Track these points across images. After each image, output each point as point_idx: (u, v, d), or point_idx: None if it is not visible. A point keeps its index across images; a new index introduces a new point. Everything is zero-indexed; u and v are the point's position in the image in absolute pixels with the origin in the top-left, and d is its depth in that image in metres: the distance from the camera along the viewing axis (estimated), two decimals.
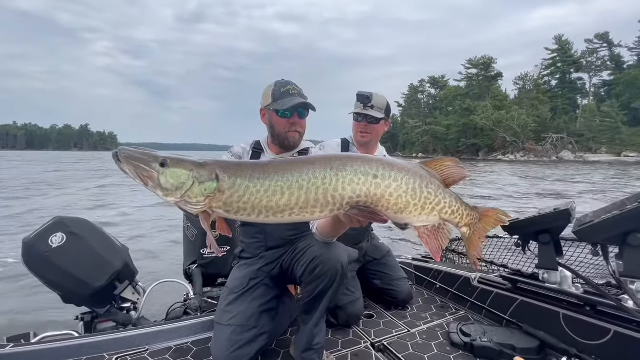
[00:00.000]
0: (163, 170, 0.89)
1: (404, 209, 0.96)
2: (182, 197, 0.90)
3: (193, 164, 0.92)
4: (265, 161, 1.00)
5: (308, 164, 0.95)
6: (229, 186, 0.91)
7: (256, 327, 1.50)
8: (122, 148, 0.90)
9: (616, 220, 1.24)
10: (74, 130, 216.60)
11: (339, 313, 1.85)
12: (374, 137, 2.09)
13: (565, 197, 11.90)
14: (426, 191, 0.96)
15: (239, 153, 1.72)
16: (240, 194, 0.91)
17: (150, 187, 0.90)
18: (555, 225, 1.51)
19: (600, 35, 55.18)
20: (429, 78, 75.61)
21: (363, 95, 2.01)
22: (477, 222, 1.04)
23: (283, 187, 0.92)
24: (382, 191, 0.94)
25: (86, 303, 2.01)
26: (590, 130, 47.55)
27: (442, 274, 2.32)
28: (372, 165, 0.94)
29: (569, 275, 1.59)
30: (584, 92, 58.09)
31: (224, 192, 0.91)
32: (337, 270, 1.40)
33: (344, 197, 0.94)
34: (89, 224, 2.10)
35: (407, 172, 0.96)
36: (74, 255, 1.90)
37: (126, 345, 1.63)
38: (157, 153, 0.91)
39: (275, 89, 1.60)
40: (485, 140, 56.38)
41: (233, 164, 0.97)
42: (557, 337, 1.54)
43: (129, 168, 0.88)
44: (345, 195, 0.93)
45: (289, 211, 0.93)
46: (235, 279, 1.66)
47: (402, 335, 1.79)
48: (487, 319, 1.93)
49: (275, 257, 1.67)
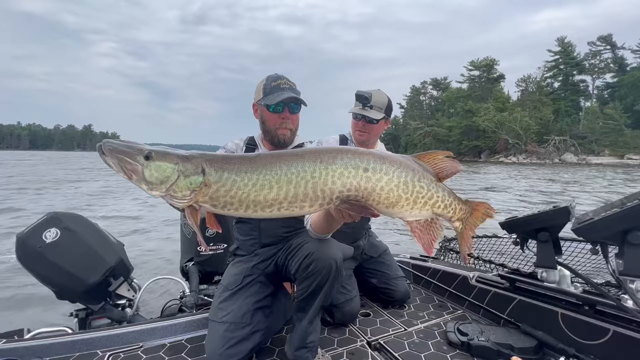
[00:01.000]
0: (147, 163, 0.86)
1: (395, 203, 0.94)
2: (167, 191, 0.88)
3: (178, 157, 0.89)
4: (253, 154, 0.98)
5: (297, 157, 0.93)
6: (216, 180, 0.89)
7: (250, 325, 1.48)
8: (106, 141, 0.88)
9: (616, 218, 1.22)
10: (77, 131, 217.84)
11: (334, 311, 1.83)
12: (372, 136, 2.06)
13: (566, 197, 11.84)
14: (418, 185, 0.94)
15: (232, 149, 1.71)
16: (227, 188, 0.89)
17: (134, 181, 0.87)
18: (554, 223, 1.49)
19: (603, 37, 55.01)
20: (431, 80, 75.64)
21: (362, 96, 1.98)
22: (469, 217, 1.03)
23: (271, 181, 0.90)
24: (373, 185, 0.92)
25: (80, 299, 2.00)
26: (593, 133, 47.34)
27: (440, 272, 2.29)
28: (363, 158, 0.92)
29: (568, 274, 1.57)
30: (586, 94, 57.82)
31: (210, 186, 0.89)
32: (332, 266, 1.39)
33: (334, 191, 0.92)
34: (84, 220, 2.09)
35: (399, 165, 0.94)
36: (68, 251, 1.89)
37: (120, 342, 1.61)
38: (142, 146, 0.89)
39: (267, 83, 1.57)
40: (487, 142, 56.24)
41: (220, 157, 0.94)
42: (555, 336, 1.52)
43: (113, 161, 0.85)
44: (335, 189, 0.92)
45: (277, 205, 0.91)
46: (230, 276, 1.64)
47: (398, 334, 1.77)
48: (484, 318, 1.90)
49: (270, 254, 1.65)
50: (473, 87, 65.49)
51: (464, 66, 67.12)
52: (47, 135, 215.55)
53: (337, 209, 0.96)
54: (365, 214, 0.96)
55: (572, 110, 54.57)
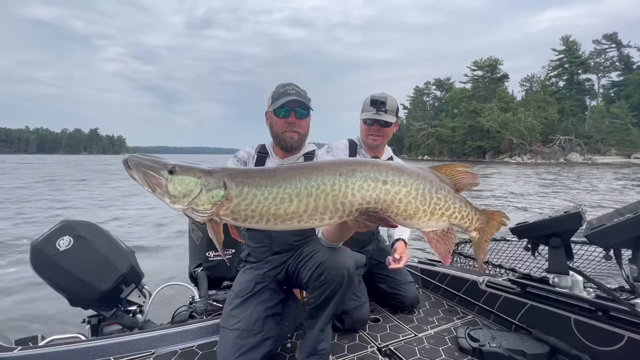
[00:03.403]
0: (171, 177, 0.88)
1: (413, 215, 0.94)
2: (190, 204, 0.89)
3: (201, 172, 0.91)
4: (272, 168, 0.99)
5: (316, 170, 0.93)
6: (237, 194, 0.90)
7: (262, 332, 1.48)
8: (132, 155, 0.90)
9: (631, 224, 1.21)
10: (83, 134, 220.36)
11: (344, 318, 1.83)
12: (385, 139, 2.08)
13: (575, 200, 11.72)
14: (436, 197, 0.95)
15: (244, 158, 1.72)
16: (248, 201, 0.90)
17: (158, 194, 0.89)
18: (566, 228, 1.47)
19: (609, 35, 54.55)
20: (435, 80, 75.48)
21: (378, 101, 1.99)
22: (486, 226, 1.03)
23: (291, 195, 0.90)
24: (392, 197, 0.92)
25: (93, 306, 2.02)
26: (598, 132, 46.88)
27: (449, 277, 2.28)
28: (382, 170, 0.93)
29: (580, 279, 1.56)
30: (592, 93, 57.36)
31: (232, 200, 0.90)
32: (344, 276, 1.39)
33: (354, 204, 0.92)
34: (96, 227, 2.12)
35: (417, 177, 0.94)
36: (81, 259, 1.91)
37: (132, 349, 1.63)
38: (166, 161, 0.91)
39: (276, 90, 1.60)
40: (491, 142, 55.92)
41: (241, 171, 0.96)
42: (568, 342, 1.50)
43: (138, 175, 0.88)
44: (355, 201, 0.92)
45: (297, 218, 0.92)
46: (241, 283, 1.65)
47: (409, 339, 1.77)
48: (495, 323, 1.89)
49: (281, 261, 1.66)
50: (477, 87, 65.21)
51: (467, 66, 67.00)
52: (55, 138, 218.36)
53: (354, 220, 0.96)
54: (384, 225, 0.97)
55: (577, 110, 54.13)
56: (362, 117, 2.06)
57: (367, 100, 2.05)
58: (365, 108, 2.05)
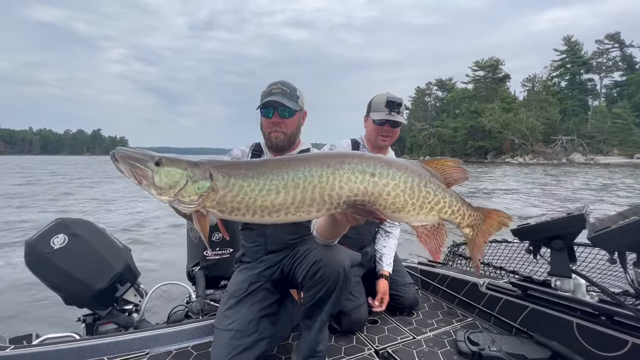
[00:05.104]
0: (157, 169, 0.89)
1: (401, 208, 0.93)
2: (176, 195, 0.89)
3: (187, 163, 0.91)
4: (259, 160, 0.99)
5: (304, 162, 0.93)
6: (223, 185, 0.90)
7: (256, 332, 1.46)
8: (119, 148, 0.91)
9: (636, 226, 1.18)
10: (86, 135, 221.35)
11: (342, 319, 1.81)
12: (394, 139, 2.08)
13: (577, 201, 11.67)
14: (424, 190, 0.93)
15: (239, 155, 1.71)
16: (234, 193, 0.90)
17: (144, 186, 0.89)
18: (569, 231, 1.45)
19: (611, 35, 54.23)
20: (436, 81, 75.25)
21: (394, 102, 1.97)
22: (481, 224, 1.01)
23: (278, 186, 0.90)
24: (380, 190, 0.91)
25: (88, 305, 2.00)
26: (601, 132, 46.67)
27: (449, 279, 2.25)
28: (370, 163, 0.92)
29: (583, 283, 1.52)
30: (594, 93, 57.05)
31: (218, 191, 0.90)
32: (339, 273, 1.36)
33: (341, 196, 0.91)
34: (91, 225, 2.10)
35: (405, 170, 0.93)
36: (76, 257, 1.90)
37: (126, 349, 1.61)
38: (153, 153, 0.91)
39: (265, 89, 1.58)
40: (493, 142, 55.77)
41: (227, 162, 0.95)
42: (570, 347, 1.47)
43: (125, 167, 0.88)
44: (342, 194, 0.91)
45: (284, 210, 0.91)
46: (236, 283, 1.62)
47: (407, 342, 1.74)
48: (495, 326, 1.86)
49: (276, 260, 1.63)
50: (478, 88, 65.01)
51: (469, 67, 66.74)
52: (58, 140, 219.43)
53: (342, 213, 0.95)
54: (371, 218, 0.95)
55: (579, 110, 53.88)
56: (373, 116, 2.01)
57: (379, 100, 2.01)
58: (378, 108, 2.00)
